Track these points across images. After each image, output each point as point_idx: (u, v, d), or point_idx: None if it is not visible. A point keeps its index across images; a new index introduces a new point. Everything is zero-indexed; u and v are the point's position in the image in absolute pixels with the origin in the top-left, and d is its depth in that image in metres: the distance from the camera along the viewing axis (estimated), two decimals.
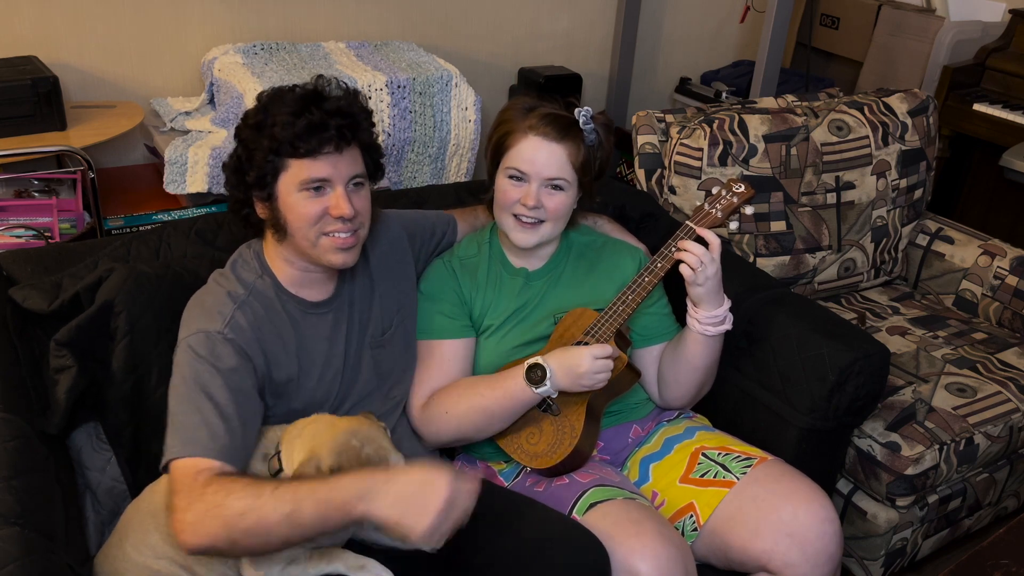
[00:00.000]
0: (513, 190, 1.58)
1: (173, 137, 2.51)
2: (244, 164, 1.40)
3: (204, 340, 1.35)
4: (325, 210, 1.38)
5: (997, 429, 1.97)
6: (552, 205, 1.58)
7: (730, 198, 1.64)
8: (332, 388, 1.50)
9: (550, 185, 1.58)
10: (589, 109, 1.59)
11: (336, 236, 1.41)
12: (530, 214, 1.58)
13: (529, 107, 1.60)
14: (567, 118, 1.58)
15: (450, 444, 1.61)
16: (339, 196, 1.38)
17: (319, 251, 1.42)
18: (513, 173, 1.58)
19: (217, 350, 1.35)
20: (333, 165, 1.37)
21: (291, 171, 1.37)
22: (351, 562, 1.28)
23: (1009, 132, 2.99)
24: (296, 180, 1.37)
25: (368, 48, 2.84)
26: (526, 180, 1.57)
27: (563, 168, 1.57)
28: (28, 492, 1.19)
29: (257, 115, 1.39)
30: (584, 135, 1.58)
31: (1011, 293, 2.33)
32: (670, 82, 3.78)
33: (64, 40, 2.58)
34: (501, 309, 1.66)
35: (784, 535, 1.46)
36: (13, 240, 2.25)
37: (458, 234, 1.79)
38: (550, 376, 1.51)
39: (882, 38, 3.49)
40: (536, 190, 1.57)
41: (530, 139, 1.56)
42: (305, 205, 1.38)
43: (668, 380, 1.68)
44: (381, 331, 1.57)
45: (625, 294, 1.59)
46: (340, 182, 1.39)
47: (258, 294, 1.45)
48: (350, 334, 1.53)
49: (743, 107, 2.36)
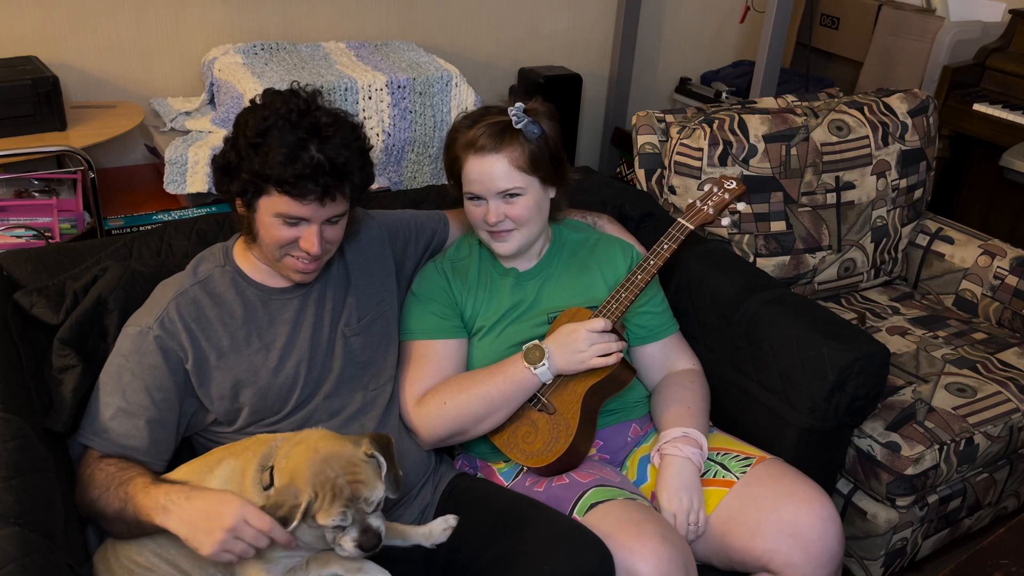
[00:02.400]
0: (476, 210, 1.60)
1: (173, 137, 2.51)
2: (232, 171, 1.41)
3: (134, 337, 1.43)
4: (296, 239, 1.42)
5: (997, 429, 1.97)
6: (515, 213, 1.58)
7: (722, 194, 1.64)
8: (298, 373, 1.49)
9: (506, 195, 1.57)
10: (520, 105, 1.58)
11: (300, 261, 1.45)
12: (497, 228, 1.59)
13: (469, 124, 1.60)
14: (499, 123, 1.57)
15: (446, 440, 1.60)
16: (312, 233, 1.41)
17: (281, 266, 1.47)
18: (469, 195, 1.60)
19: (142, 347, 1.42)
20: (313, 210, 1.40)
21: (272, 199, 1.39)
22: (348, 565, 1.28)
23: (1009, 132, 2.99)
24: (274, 209, 1.39)
25: (368, 48, 2.84)
26: (483, 198, 1.58)
27: (509, 175, 1.56)
28: (28, 492, 1.19)
29: (256, 136, 1.37)
30: (523, 133, 1.56)
31: (1011, 293, 2.33)
32: (670, 82, 3.78)
33: (64, 40, 2.58)
34: (493, 309, 1.66)
35: (786, 535, 1.46)
36: (13, 240, 2.25)
37: (451, 231, 1.79)
38: (548, 355, 1.51)
39: (882, 38, 3.49)
40: (495, 206, 1.57)
41: (471, 159, 1.57)
42: (278, 230, 1.41)
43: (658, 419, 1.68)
44: (357, 319, 1.57)
45: (619, 292, 1.59)
46: (316, 222, 1.41)
47: (208, 283, 1.49)
48: (319, 320, 1.53)
49: (743, 107, 2.36)
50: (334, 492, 1.23)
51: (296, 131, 1.36)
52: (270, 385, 1.47)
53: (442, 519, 1.48)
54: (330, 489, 1.23)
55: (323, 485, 1.23)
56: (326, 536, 1.26)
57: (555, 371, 1.54)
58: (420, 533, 1.47)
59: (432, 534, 1.47)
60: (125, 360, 1.42)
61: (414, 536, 1.47)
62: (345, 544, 1.25)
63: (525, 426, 1.59)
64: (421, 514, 1.56)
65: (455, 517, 1.48)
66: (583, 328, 1.51)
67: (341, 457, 1.26)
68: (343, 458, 1.26)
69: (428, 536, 1.46)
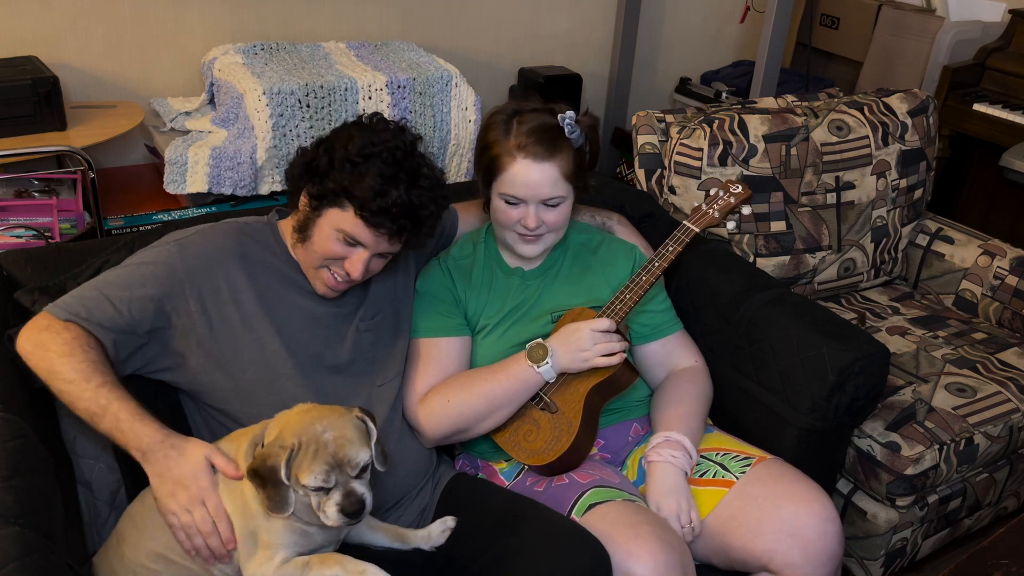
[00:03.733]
0: (511, 212, 1.57)
1: (173, 137, 2.51)
2: (317, 174, 1.44)
3: (160, 254, 1.45)
4: (344, 258, 1.45)
5: (997, 429, 1.97)
6: (552, 219, 1.58)
7: (727, 198, 1.64)
8: (298, 345, 1.49)
9: (548, 203, 1.57)
10: (572, 114, 1.55)
11: (335, 277, 1.48)
12: (532, 233, 1.58)
13: (509, 116, 1.56)
14: (552, 128, 1.54)
15: (450, 437, 1.60)
16: (361, 260, 1.44)
17: (313, 274, 1.50)
18: (508, 198, 1.56)
19: (156, 268, 1.43)
20: (376, 241, 1.43)
21: (345, 215, 1.42)
22: (350, 567, 1.28)
23: (1009, 132, 2.99)
24: (341, 224, 1.42)
25: (368, 48, 2.84)
26: (523, 203, 1.56)
27: (556, 184, 1.55)
28: (28, 492, 1.19)
29: (359, 155, 1.40)
30: (572, 142, 1.55)
31: (1011, 293, 2.33)
32: (670, 82, 3.78)
33: (64, 40, 2.58)
34: (496, 308, 1.66)
35: (786, 535, 1.46)
36: (13, 240, 2.25)
37: (460, 226, 1.80)
38: (551, 354, 1.52)
39: (882, 38, 3.49)
40: (535, 211, 1.56)
41: (519, 163, 1.53)
42: (333, 244, 1.44)
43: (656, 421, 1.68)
44: (371, 315, 1.58)
45: (623, 293, 1.59)
46: (371, 251, 1.45)
47: (260, 235, 1.53)
48: (339, 303, 1.55)
49: (743, 107, 2.36)
50: (318, 447, 1.24)
51: (396, 169, 1.41)
52: (266, 348, 1.48)
53: (440, 521, 1.48)
54: (315, 443, 1.24)
55: (309, 439, 1.25)
56: (312, 503, 1.26)
57: (558, 369, 1.54)
58: (419, 536, 1.47)
59: (431, 536, 1.47)
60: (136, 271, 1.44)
61: (413, 539, 1.47)
62: (328, 510, 1.25)
63: (527, 425, 1.59)
64: (420, 515, 1.56)
65: (453, 519, 1.48)
66: (587, 327, 1.51)
67: (330, 417, 1.28)
68: (332, 418, 1.28)
69: (427, 539, 1.47)
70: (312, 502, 1.26)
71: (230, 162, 2.38)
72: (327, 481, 1.24)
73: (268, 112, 2.39)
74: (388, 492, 1.52)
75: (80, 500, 1.47)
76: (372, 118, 1.48)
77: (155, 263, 1.44)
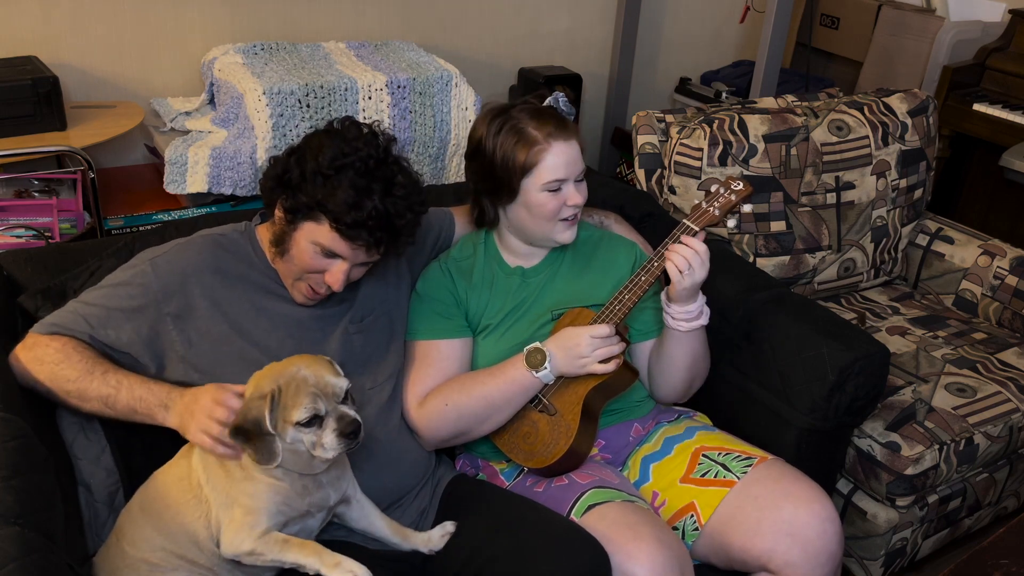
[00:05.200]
0: (553, 200, 1.59)
1: (173, 137, 2.51)
2: (289, 186, 1.42)
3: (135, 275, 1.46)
4: (324, 270, 1.44)
5: (997, 429, 1.97)
6: (583, 195, 1.63)
7: (728, 196, 1.64)
8: (282, 352, 1.47)
9: (579, 179, 1.61)
10: (560, 94, 1.64)
11: (312, 290, 1.47)
12: (575, 211, 1.61)
13: (518, 122, 1.59)
14: (553, 109, 1.62)
15: (448, 441, 1.60)
16: (341, 271, 1.44)
17: (291, 284, 1.50)
18: (551, 186, 1.58)
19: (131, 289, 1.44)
20: (354, 253, 1.42)
21: (321, 228, 1.40)
22: (327, 558, 1.28)
23: (1009, 132, 2.99)
24: (317, 237, 1.41)
25: (368, 48, 2.84)
26: (563, 184, 1.59)
27: (581, 158, 1.62)
28: (28, 492, 1.19)
29: (329, 167, 1.39)
30: None
31: (1011, 293, 2.33)
32: (670, 82, 3.78)
33: (64, 40, 2.58)
34: (497, 308, 1.66)
35: (785, 535, 1.46)
36: (13, 240, 2.25)
37: (456, 229, 1.79)
38: (549, 359, 1.52)
39: (882, 38, 3.49)
40: (574, 189, 1.60)
41: (553, 147, 1.57)
42: (312, 257, 1.43)
43: (655, 378, 1.69)
44: (361, 316, 1.57)
45: (622, 293, 1.59)
46: (349, 262, 1.44)
47: (235, 247, 1.52)
48: (324, 305, 1.54)
49: (743, 107, 2.36)
50: (298, 383, 1.26)
51: (369, 179, 1.39)
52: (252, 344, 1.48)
53: (440, 526, 1.49)
54: (294, 381, 1.26)
55: (287, 380, 1.27)
56: (306, 443, 1.27)
57: (556, 374, 1.54)
58: (419, 539, 1.48)
59: (431, 540, 1.47)
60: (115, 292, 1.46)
61: (413, 540, 1.47)
62: (326, 439, 1.26)
63: (526, 427, 1.59)
64: (419, 516, 1.56)
65: (453, 524, 1.48)
66: (586, 333, 1.51)
67: (300, 360, 1.30)
68: (303, 360, 1.30)
69: (427, 542, 1.47)
70: (306, 442, 1.27)
71: (230, 162, 2.38)
72: (318, 409, 1.25)
73: (268, 112, 2.39)
74: (385, 492, 1.52)
75: (80, 503, 1.47)
76: (343, 122, 1.45)
77: (130, 284, 1.45)
